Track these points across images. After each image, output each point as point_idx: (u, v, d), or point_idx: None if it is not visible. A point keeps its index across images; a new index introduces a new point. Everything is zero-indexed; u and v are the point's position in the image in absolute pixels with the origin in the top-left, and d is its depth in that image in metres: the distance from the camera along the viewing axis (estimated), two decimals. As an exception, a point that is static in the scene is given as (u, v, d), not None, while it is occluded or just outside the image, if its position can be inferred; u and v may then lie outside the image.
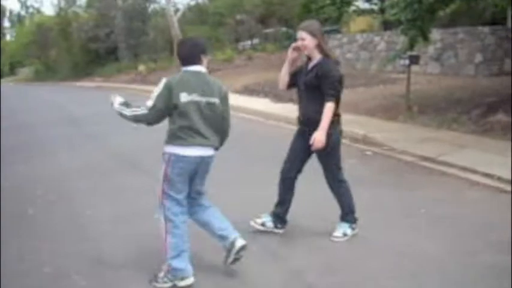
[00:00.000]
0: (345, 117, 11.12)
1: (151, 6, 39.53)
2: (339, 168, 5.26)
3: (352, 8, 22.75)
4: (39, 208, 6.44)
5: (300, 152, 5.21)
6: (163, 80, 4.28)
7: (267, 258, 4.71)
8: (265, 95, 15.72)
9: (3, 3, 76.59)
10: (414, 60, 11.72)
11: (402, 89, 12.52)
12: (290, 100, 13.97)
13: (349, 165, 7.92)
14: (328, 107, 4.84)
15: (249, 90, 17.04)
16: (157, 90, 4.26)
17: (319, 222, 5.47)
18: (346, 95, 13.37)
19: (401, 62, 11.89)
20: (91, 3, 42.99)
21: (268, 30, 32.10)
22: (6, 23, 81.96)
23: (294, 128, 5.06)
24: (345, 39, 21.97)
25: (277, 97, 14.75)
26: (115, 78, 31.51)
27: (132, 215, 5.98)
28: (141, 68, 29.48)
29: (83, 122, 13.64)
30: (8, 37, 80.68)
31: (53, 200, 6.77)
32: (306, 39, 4.98)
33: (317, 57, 5.02)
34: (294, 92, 5.53)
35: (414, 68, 12.63)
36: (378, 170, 7.84)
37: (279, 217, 5.28)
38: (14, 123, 13.69)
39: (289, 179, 5.27)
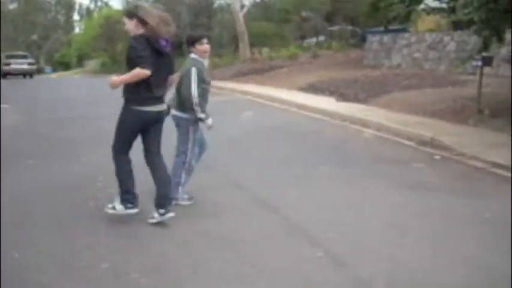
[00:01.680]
0: (412, 119, 10.98)
1: (217, 2, 39.67)
2: (125, 149, 5.54)
3: (422, 6, 22.20)
4: (98, 201, 6.40)
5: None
6: (193, 70, 6.01)
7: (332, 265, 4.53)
8: (330, 93, 15.47)
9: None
10: (487, 61, 11.29)
11: (472, 91, 12.11)
12: (356, 99, 13.73)
13: (417, 170, 7.69)
14: (134, 71, 5.25)
15: (313, 88, 16.80)
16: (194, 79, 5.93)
17: (389, 228, 5.25)
18: (413, 96, 13.19)
19: (474, 63, 11.48)
20: (158, -2, 43.45)
21: (333, 28, 31.74)
22: (76, 16, 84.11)
23: (360, 128, 4.88)
24: (413, 39, 21.47)
25: (343, 96, 14.49)
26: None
27: (195, 214, 5.88)
28: (206, 63, 29.54)
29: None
30: (76, 30, 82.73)
31: (113, 193, 6.73)
32: (126, 23, 5.34)
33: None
34: (360, 91, 5.29)
35: (485, 69, 12.17)
36: (447, 176, 7.51)
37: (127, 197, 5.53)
38: (81, 115, 13.86)
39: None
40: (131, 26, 5.32)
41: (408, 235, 5.08)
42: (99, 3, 79.52)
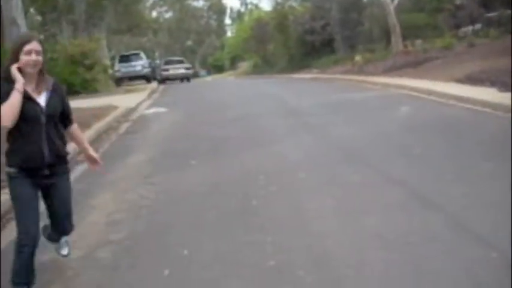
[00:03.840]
0: None
1: (367, -4, 39.13)
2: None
3: None
4: (261, 199, 6.50)
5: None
6: None
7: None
8: (491, 83, 14.66)
9: (223, 1, 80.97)
10: None
11: None
12: (519, 89, 12.92)
13: None
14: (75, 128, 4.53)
15: (472, 79, 16.01)
16: None
17: None
18: None
19: None
20: (306, -3, 43.78)
21: (491, 14, 30.17)
22: (227, 20, 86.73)
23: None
24: None
25: (506, 86, 13.69)
26: (331, 70, 31.69)
27: (356, 211, 5.80)
28: (358, 58, 29.30)
29: (301, 113, 13.75)
30: (228, 33, 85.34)
31: (275, 191, 6.81)
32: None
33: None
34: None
35: None
36: None
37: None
38: (238, 115, 14.21)
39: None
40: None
41: None
42: (249, 6, 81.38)
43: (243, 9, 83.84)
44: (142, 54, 40.21)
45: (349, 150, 8.90)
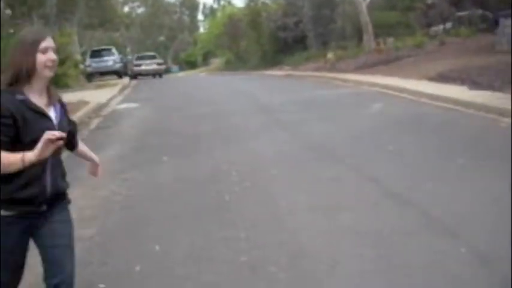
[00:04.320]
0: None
1: (339, -6, 39.26)
2: None
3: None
4: (235, 196, 6.48)
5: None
6: None
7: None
8: (462, 82, 14.83)
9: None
10: None
11: None
12: (490, 87, 13.08)
13: None
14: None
15: (443, 77, 16.17)
16: None
17: None
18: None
19: None
20: (279, -6, 43.82)
21: (462, 13, 30.51)
22: (200, 16, 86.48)
23: (497, 117, 4.50)
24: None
25: (476, 84, 13.85)
26: (303, 67, 31.75)
27: (330, 207, 5.80)
28: (330, 55, 29.39)
29: (274, 110, 13.75)
30: (201, 29, 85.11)
31: (248, 187, 6.80)
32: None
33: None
34: (494, 78, 4.93)
35: None
36: None
37: None
38: (210, 112, 14.17)
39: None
40: None
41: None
42: (222, 2, 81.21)
43: (215, 5, 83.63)
44: (114, 50, 39.82)
45: (322, 147, 8.92)
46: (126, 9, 69.60)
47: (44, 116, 2.99)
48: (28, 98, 2.95)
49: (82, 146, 3.61)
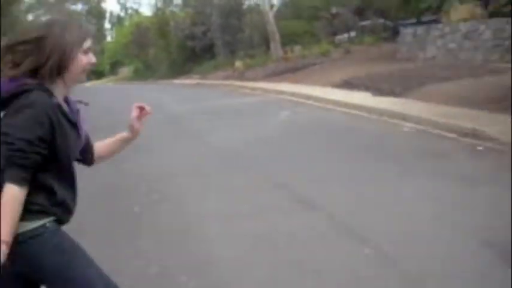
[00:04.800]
0: (452, 110, 10.77)
1: (247, 3, 39.64)
2: None
3: (455, -4, 21.83)
4: (144, 206, 6.42)
5: None
6: None
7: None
8: (366, 88, 15.30)
9: (103, 5, 79.39)
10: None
11: None
12: (392, 93, 13.55)
13: (461, 162, 7.52)
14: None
15: (348, 84, 16.64)
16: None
17: (436, 222, 5.12)
18: (451, 87, 12.95)
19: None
20: (187, 2, 43.76)
21: (365, 23, 31.46)
22: (107, 25, 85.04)
23: (399, 122, 4.70)
24: (447, 29, 21.08)
25: (379, 90, 14.32)
26: (212, 75, 31.82)
27: (240, 215, 5.84)
28: (238, 64, 29.59)
29: (183, 119, 13.72)
30: (108, 38, 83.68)
31: (157, 198, 6.75)
32: None
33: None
34: (395, 85, 5.15)
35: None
36: (492, 167, 7.29)
37: None
38: (113, 122, 13.93)
39: None
40: None
41: (457, 229, 4.95)
42: (129, 11, 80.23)
43: (123, 14, 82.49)
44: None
45: (231, 155, 8.96)
46: (30, 17, 67.56)
47: (76, 128, 2.49)
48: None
49: (99, 145, 3.03)
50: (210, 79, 30.14)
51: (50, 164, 2.32)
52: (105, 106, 19.15)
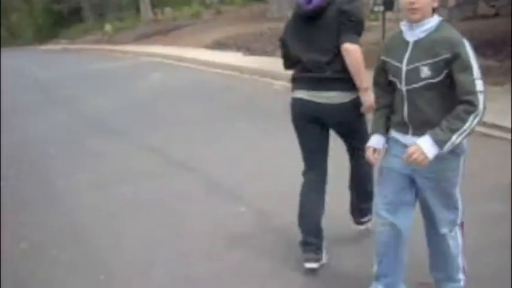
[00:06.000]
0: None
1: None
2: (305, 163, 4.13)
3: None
4: (10, 179, 6.12)
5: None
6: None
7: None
8: (237, 48, 15.34)
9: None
10: (388, 6, 11.42)
11: (376, 36, 12.25)
12: (263, 52, 13.67)
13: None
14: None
15: (219, 45, 16.61)
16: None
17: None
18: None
19: (376, 8, 11.60)
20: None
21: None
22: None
23: (270, 81, 4.70)
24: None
25: (250, 50, 14.40)
26: (81, 40, 30.70)
27: (111, 182, 5.71)
28: (107, 27, 28.75)
29: (51, 86, 13.19)
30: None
31: (26, 169, 6.47)
32: None
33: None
34: (267, 44, 5.17)
35: (388, 14, 12.30)
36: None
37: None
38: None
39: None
40: None
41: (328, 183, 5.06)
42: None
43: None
44: None
45: (101, 122, 8.74)
46: None
47: None
48: None
49: None
50: (78, 44, 29.07)
51: None
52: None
